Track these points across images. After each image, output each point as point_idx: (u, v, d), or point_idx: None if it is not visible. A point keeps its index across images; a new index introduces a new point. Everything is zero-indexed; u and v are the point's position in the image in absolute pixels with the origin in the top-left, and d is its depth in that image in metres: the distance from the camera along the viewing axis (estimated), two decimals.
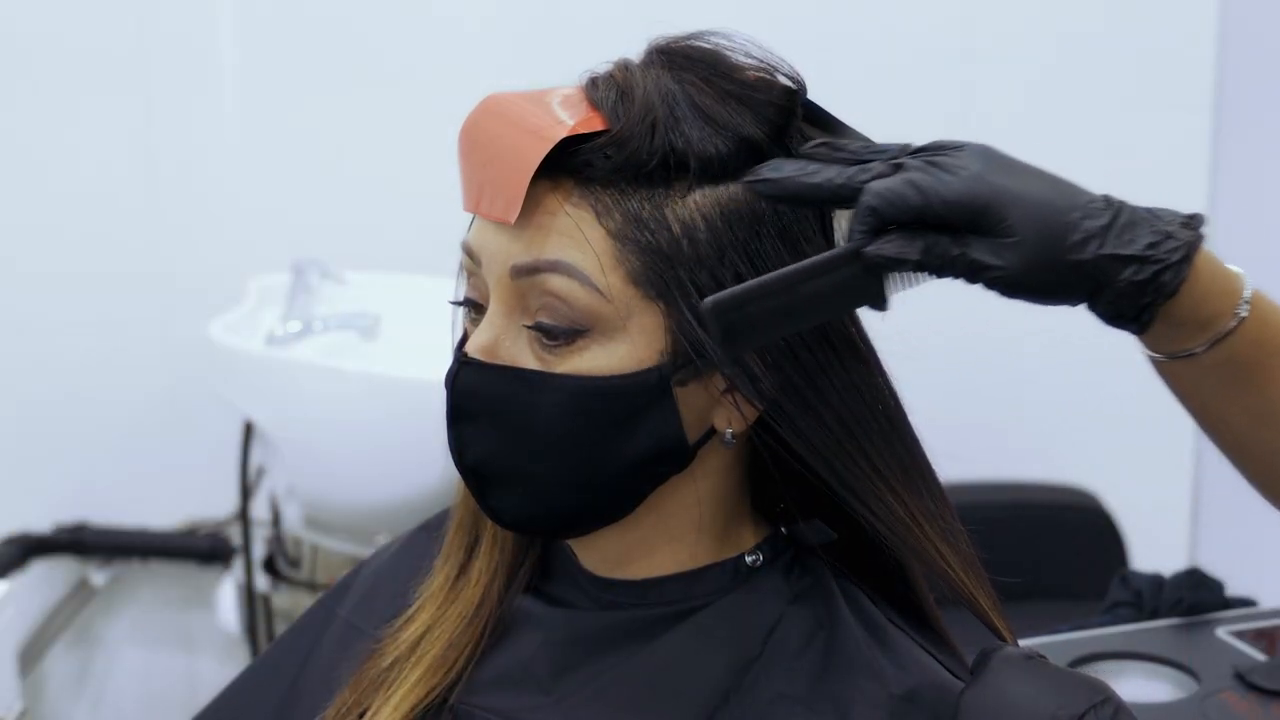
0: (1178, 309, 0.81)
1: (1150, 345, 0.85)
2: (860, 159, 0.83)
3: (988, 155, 0.81)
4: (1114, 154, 2.61)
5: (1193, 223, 0.82)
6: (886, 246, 0.79)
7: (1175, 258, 0.80)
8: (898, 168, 0.81)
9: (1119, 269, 0.80)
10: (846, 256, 0.80)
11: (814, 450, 0.87)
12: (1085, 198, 0.81)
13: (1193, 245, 0.81)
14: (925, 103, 2.61)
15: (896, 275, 0.81)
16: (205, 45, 2.60)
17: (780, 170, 0.84)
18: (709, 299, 0.80)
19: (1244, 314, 0.82)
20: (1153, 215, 0.81)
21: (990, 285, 0.81)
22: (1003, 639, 0.93)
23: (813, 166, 0.83)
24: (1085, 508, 2.45)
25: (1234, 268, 0.84)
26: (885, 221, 0.80)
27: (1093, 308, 0.82)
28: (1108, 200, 0.81)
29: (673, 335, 0.86)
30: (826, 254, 0.81)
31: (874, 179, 0.81)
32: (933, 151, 0.82)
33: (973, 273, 0.80)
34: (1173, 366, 0.85)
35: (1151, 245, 0.80)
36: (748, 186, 0.85)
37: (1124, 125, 2.61)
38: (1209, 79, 2.58)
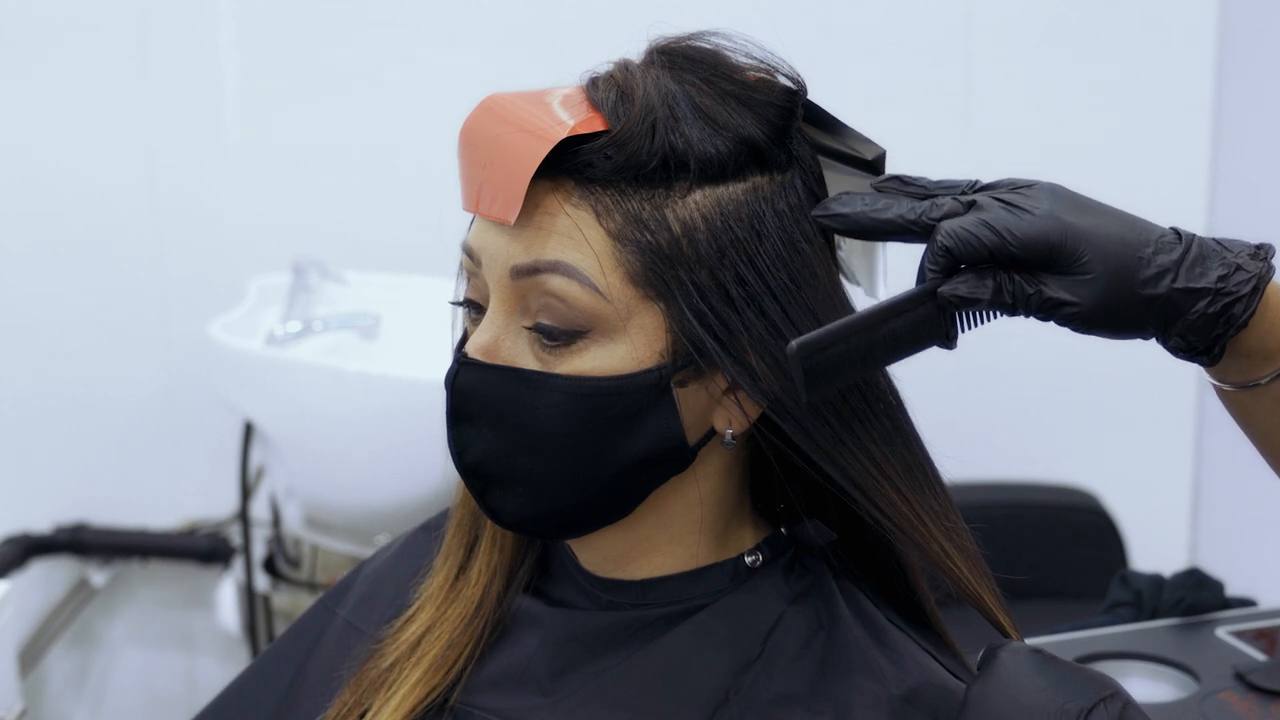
0: (1246, 340, 0.82)
1: (1217, 376, 0.86)
2: (930, 194, 0.84)
3: (1058, 193, 0.82)
4: (1114, 154, 2.61)
5: (1261, 253, 0.83)
6: (961, 286, 0.81)
7: (1246, 290, 0.81)
8: (969, 205, 0.82)
9: (1191, 303, 0.81)
10: (922, 297, 0.82)
11: (818, 448, 0.87)
12: (1156, 233, 0.82)
13: (1263, 277, 0.82)
14: (925, 103, 2.61)
15: (967, 314, 0.83)
16: (206, 45, 2.60)
17: (850, 205, 0.85)
18: (794, 342, 0.81)
19: None
20: (1222, 247, 0.82)
21: (1064, 322, 0.82)
22: (1009, 636, 0.93)
23: (882, 201, 0.85)
24: (1085, 508, 2.45)
25: None
26: (958, 261, 0.81)
27: (1164, 341, 0.84)
28: (1178, 233, 0.82)
29: (673, 336, 0.86)
30: (903, 294, 0.82)
31: (945, 216, 0.82)
32: (1003, 188, 0.83)
33: (1047, 310, 0.81)
34: (1239, 396, 0.86)
35: (1222, 278, 0.81)
36: (816, 220, 0.87)
37: (1124, 125, 2.61)
38: (1209, 79, 2.58)
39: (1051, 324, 0.83)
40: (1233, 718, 1.29)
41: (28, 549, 2.65)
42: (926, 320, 0.82)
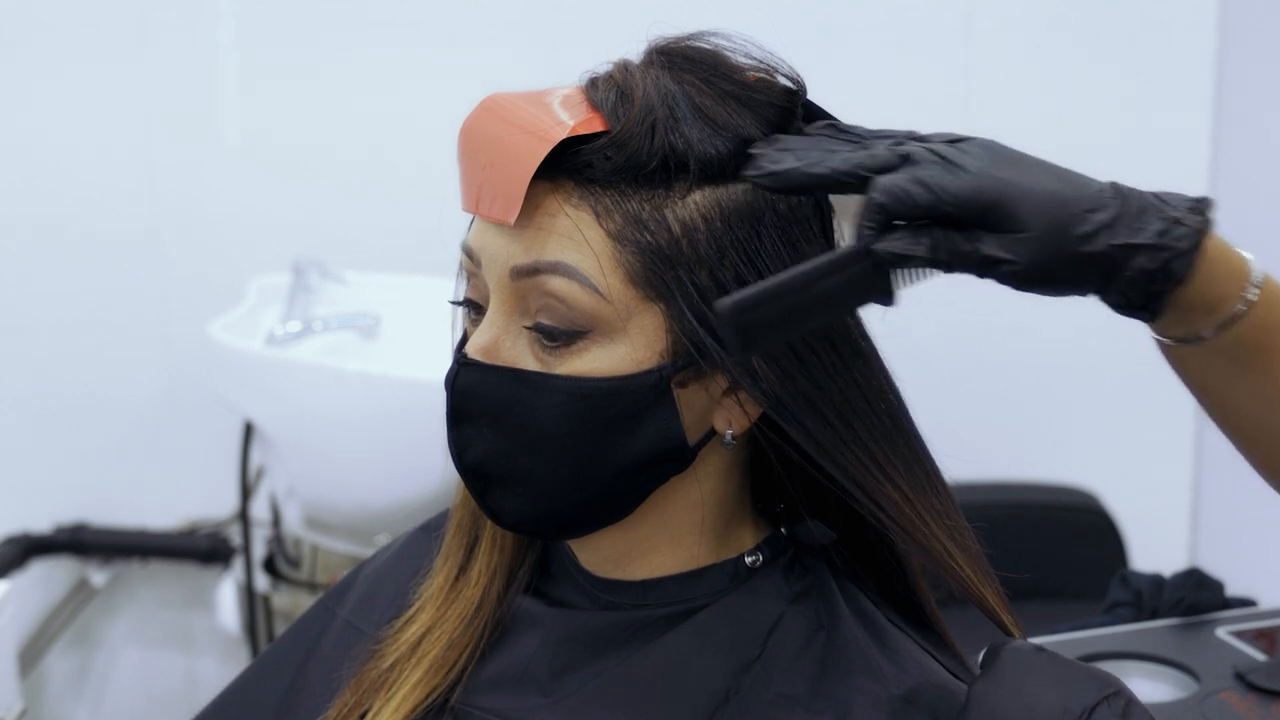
0: (1187, 294, 0.81)
1: (1159, 331, 0.85)
2: (863, 144, 0.83)
3: (994, 149, 0.81)
4: (1114, 153, 2.61)
5: (1200, 206, 0.81)
6: (895, 243, 0.79)
7: (1185, 245, 0.80)
8: (904, 158, 0.80)
9: (1130, 258, 0.79)
10: (856, 254, 0.80)
11: (819, 447, 0.87)
12: (1094, 188, 0.80)
13: (1201, 231, 0.80)
14: (924, 103, 2.61)
15: (905, 271, 0.81)
16: (206, 45, 2.61)
17: (781, 162, 0.83)
18: (723, 301, 0.79)
19: (1253, 297, 0.82)
20: (1160, 201, 0.81)
21: (1002, 280, 0.80)
22: (1011, 635, 0.93)
23: (814, 154, 0.83)
24: (1085, 508, 2.45)
25: (1244, 252, 0.83)
26: (893, 218, 0.79)
27: (1103, 297, 0.82)
28: (1115, 189, 0.81)
29: (673, 336, 0.86)
30: (836, 252, 0.80)
31: (880, 169, 0.80)
32: (937, 140, 0.81)
33: (984, 268, 0.80)
34: (1180, 351, 0.85)
35: (1161, 233, 0.79)
36: (748, 181, 0.85)
37: (1124, 125, 2.61)
38: (1209, 79, 2.58)
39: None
40: (1233, 718, 1.29)
41: (28, 549, 2.65)
42: (862, 277, 0.80)
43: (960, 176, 0.79)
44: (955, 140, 0.81)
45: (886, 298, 0.81)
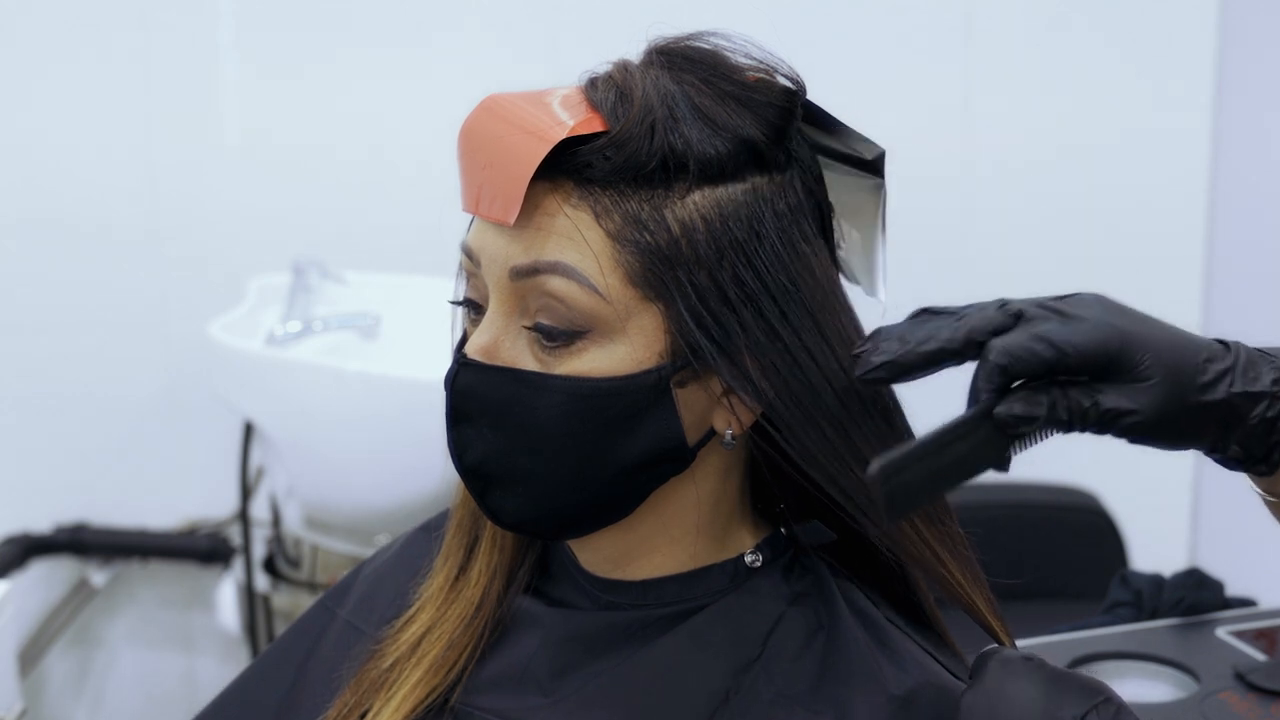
0: None
1: (1266, 487, 0.85)
2: (961, 314, 0.82)
3: (1104, 301, 0.81)
4: (1114, 153, 2.61)
5: None
6: (1016, 405, 0.78)
7: None
8: (1016, 316, 0.79)
9: (1250, 407, 0.80)
10: (980, 418, 0.79)
11: (810, 456, 0.87)
12: (1204, 340, 0.81)
13: None
14: (924, 103, 2.61)
15: (1024, 435, 0.80)
16: (206, 44, 2.61)
17: (889, 352, 0.82)
18: (875, 465, 0.78)
19: None
20: (1264, 354, 0.81)
21: (1123, 433, 0.80)
22: (1002, 642, 0.93)
23: (921, 332, 0.82)
24: (1085, 508, 2.44)
25: None
26: (1013, 379, 0.79)
27: (1221, 451, 0.82)
28: (1224, 343, 0.81)
29: (672, 336, 0.86)
30: (963, 416, 0.80)
31: (994, 331, 0.79)
32: (1043, 302, 0.80)
33: (1105, 423, 0.79)
34: None
35: (1276, 381, 0.80)
36: (868, 391, 0.85)
37: (1124, 125, 2.61)
38: (1209, 79, 2.58)
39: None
40: (1233, 718, 1.29)
41: (28, 549, 2.65)
42: (985, 442, 0.80)
43: (1080, 328, 0.78)
44: (1062, 297, 0.81)
45: (1002, 465, 0.81)
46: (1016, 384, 0.79)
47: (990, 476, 0.83)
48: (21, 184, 2.61)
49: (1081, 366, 0.78)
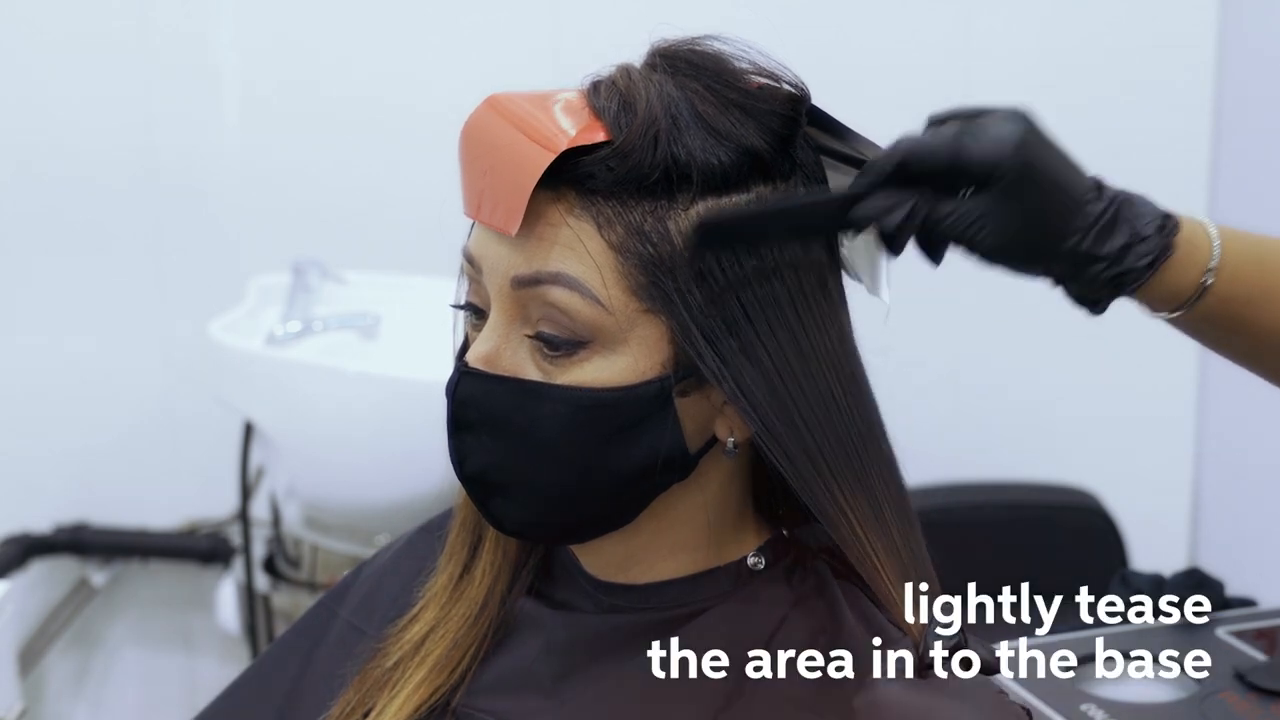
0: (1140, 293, 0.86)
1: (1151, 311, 0.89)
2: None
3: (1021, 119, 0.84)
4: (1114, 154, 2.61)
5: (1167, 226, 0.85)
6: (879, 199, 0.83)
7: (1142, 263, 0.84)
8: (939, 123, 0.85)
9: (1089, 264, 0.84)
10: (843, 201, 0.84)
11: (796, 474, 0.86)
12: (1088, 184, 0.83)
13: (1160, 254, 0.84)
14: (923, 103, 2.60)
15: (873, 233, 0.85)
16: (205, 45, 2.60)
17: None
18: (704, 218, 0.83)
19: (1209, 282, 0.86)
20: (1134, 214, 0.84)
21: (973, 247, 0.84)
22: (900, 628, 0.89)
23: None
24: (1085, 508, 2.44)
25: (1209, 229, 0.86)
26: (909, 173, 0.83)
27: (1060, 285, 0.87)
28: (1100, 190, 0.83)
29: (674, 347, 0.85)
30: (831, 195, 0.85)
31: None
32: (962, 112, 0.85)
33: (958, 232, 0.83)
34: (1158, 317, 0.89)
35: (1124, 247, 0.84)
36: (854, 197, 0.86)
37: (1124, 125, 2.61)
38: (1209, 79, 2.58)
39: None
40: (1233, 718, 1.29)
41: (28, 549, 2.64)
42: (830, 215, 0.84)
43: (983, 138, 0.83)
44: (986, 110, 0.85)
45: (844, 232, 0.85)
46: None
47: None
48: (22, 183, 2.61)
49: (970, 177, 0.82)
